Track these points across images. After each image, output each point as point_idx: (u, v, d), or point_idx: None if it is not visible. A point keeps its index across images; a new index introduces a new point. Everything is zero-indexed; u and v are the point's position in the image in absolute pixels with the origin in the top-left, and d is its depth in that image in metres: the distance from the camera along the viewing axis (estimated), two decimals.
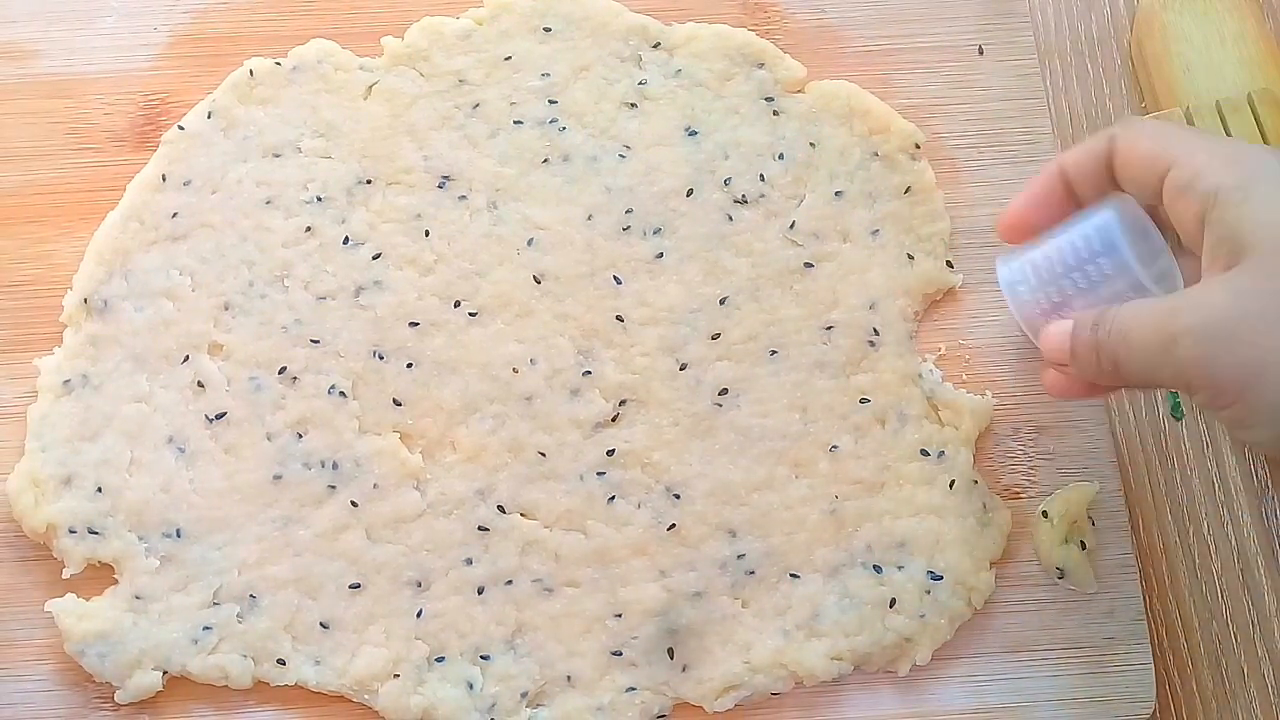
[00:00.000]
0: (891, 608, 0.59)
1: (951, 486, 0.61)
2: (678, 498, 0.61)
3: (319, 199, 0.64)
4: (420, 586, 0.59)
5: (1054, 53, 0.73)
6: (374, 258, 0.64)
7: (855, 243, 0.65)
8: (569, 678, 0.58)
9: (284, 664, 0.58)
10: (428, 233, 0.64)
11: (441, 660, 0.59)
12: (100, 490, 0.60)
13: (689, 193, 0.65)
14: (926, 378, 0.63)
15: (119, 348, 0.62)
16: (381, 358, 0.62)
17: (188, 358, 0.62)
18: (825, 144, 0.66)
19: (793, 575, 0.60)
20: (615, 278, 0.64)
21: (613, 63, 0.67)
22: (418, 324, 0.63)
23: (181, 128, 0.66)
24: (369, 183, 0.65)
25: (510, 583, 0.59)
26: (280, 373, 0.62)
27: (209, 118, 0.66)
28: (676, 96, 0.67)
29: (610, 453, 0.61)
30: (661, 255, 0.64)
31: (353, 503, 0.60)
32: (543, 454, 0.61)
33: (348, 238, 0.64)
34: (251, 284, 0.63)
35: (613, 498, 0.61)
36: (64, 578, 0.59)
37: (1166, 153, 0.51)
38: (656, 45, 0.68)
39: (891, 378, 0.63)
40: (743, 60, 0.67)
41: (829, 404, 0.62)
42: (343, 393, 0.62)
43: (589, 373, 0.62)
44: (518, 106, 0.66)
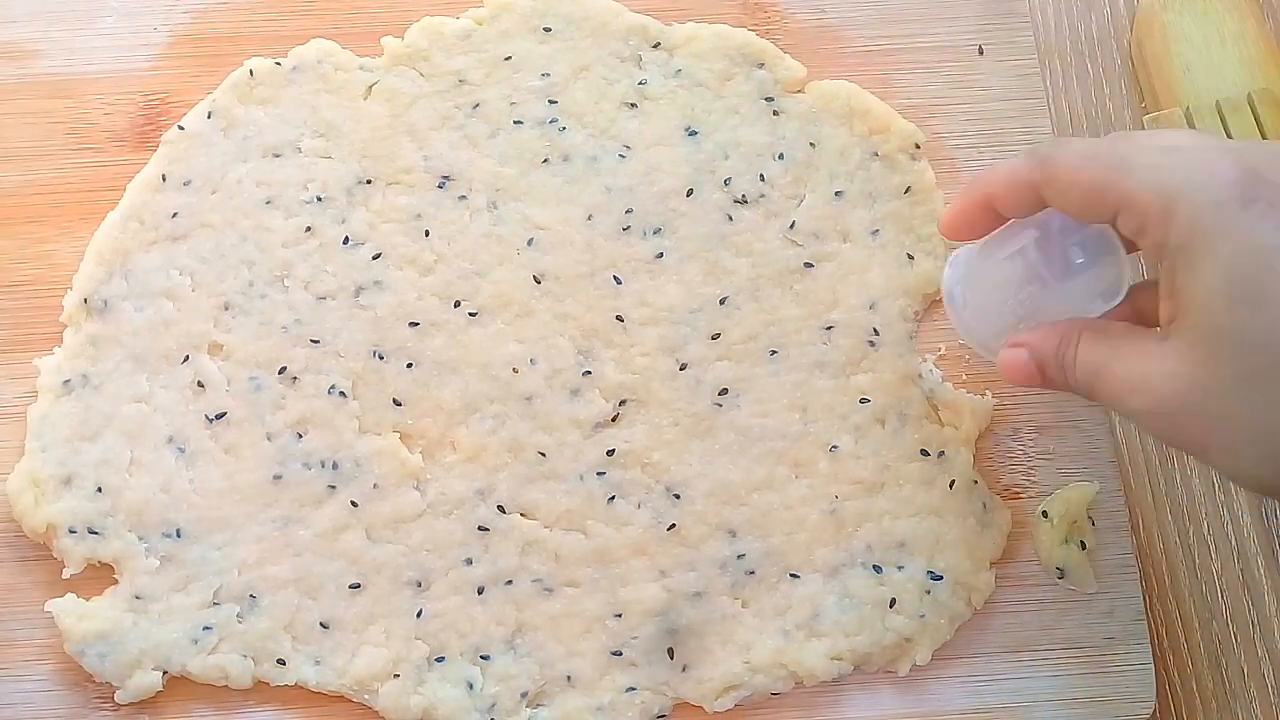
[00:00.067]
0: (891, 608, 0.59)
1: (951, 486, 0.61)
2: (678, 498, 0.61)
3: (319, 199, 0.64)
4: (420, 586, 0.59)
5: (1054, 53, 0.73)
6: (374, 258, 0.64)
7: (855, 243, 0.65)
8: (569, 678, 0.59)
9: (284, 664, 0.58)
10: (428, 233, 0.64)
11: (441, 660, 0.59)
12: (100, 490, 0.60)
13: (689, 193, 0.65)
14: (926, 378, 0.63)
15: (119, 348, 0.62)
16: (381, 358, 0.62)
17: (188, 358, 0.62)
18: (825, 144, 0.66)
19: (793, 575, 0.60)
20: (615, 278, 0.64)
21: (613, 63, 0.67)
22: (418, 324, 0.63)
23: (181, 128, 0.66)
24: (369, 183, 0.65)
25: (510, 583, 0.59)
26: (280, 373, 0.62)
27: (209, 118, 0.66)
28: (676, 96, 0.67)
29: (610, 453, 0.61)
30: (661, 255, 0.64)
31: (353, 503, 0.60)
32: (543, 454, 0.61)
33: (348, 238, 0.64)
34: (251, 284, 0.63)
35: (613, 498, 0.61)
36: (64, 578, 0.59)
37: (1111, 192, 0.48)
38: (656, 45, 0.68)
39: (891, 378, 0.63)
40: (743, 60, 0.67)
41: (829, 404, 0.62)
42: (343, 393, 0.62)
43: (589, 373, 0.62)
44: (518, 106, 0.66)
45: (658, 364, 0.62)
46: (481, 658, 0.59)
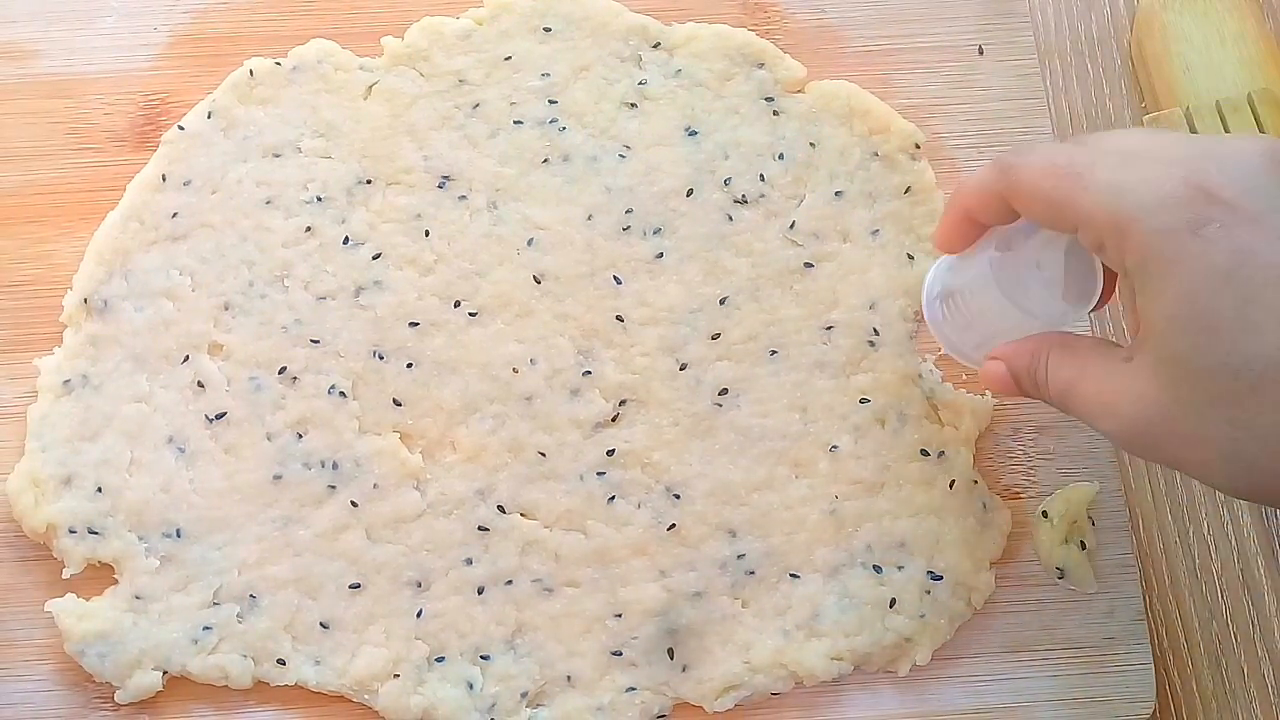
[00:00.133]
0: (891, 608, 0.59)
1: (951, 486, 0.61)
2: (678, 498, 0.61)
3: (319, 199, 0.64)
4: (420, 586, 0.59)
5: (1054, 53, 0.73)
6: (374, 258, 0.64)
7: (855, 243, 0.65)
8: (569, 678, 0.59)
9: (284, 664, 0.58)
10: (428, 233, 0.64)
11: (441, 660, 0.59)
12: (100, 490, 0.60)
13: (689, 193, 0.65)
14: (926, 378, 0.63)
15: (119, 348, 0.62)
16: (381, 358, 0.62)
17: (188, 358, 0.62)
18: (825, 144, 0.66)
19: (793, 575, 0.60)
20: (615, 278, 0.64)
21: (613, 63, 0.67)
22: (418, 324, 0.63)
23: (181, 128, 0.66)
24: (369, 183, 0.65)
25: (510, 583, 0.59)
26: (280, 373, 0.62)
27: (209, 118, 0.66)
28: (676, 96, 0.67)
29: (610, 453, 0.61)
30: (661, 255, 0.64)
31: (353, 503, 0.60)
32: (543, 454, 0.61)
33: (348, 238, 0.64)
34: (251, 284, 0.63)
35: (613, 498, 0.61)
36: (64, 578, 0.59)
37: (1068, 208, 0.48)
38: (656, 45, 0.68)
39: (891, 378, 0.63)
40: (743, 60, 0.67)
41: (829, 404, 0.62)
42: (343, 393, 0.62)
43: (589, 373, 0.62)
44: (518, 106, 0.66)
45: (658, 364, 0.62)
46: (481, 658, 0.59)
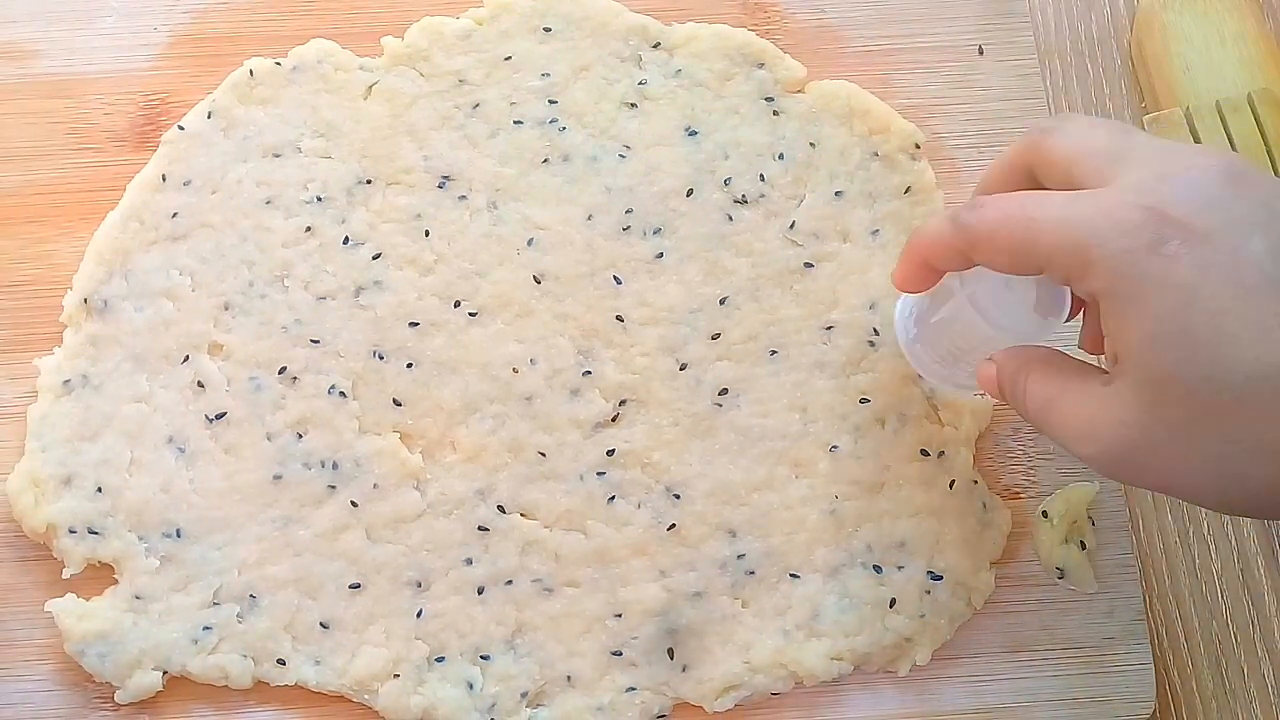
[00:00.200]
0: (891, 608, 0.59)
1: (951, 486, 0.61)
2: (678, 498, 0.61)
3: (319, 199, 0.64)
4: (420, 586, 0.59)
5: (1054, 53, 0.73)
6: (374, 258, 0.64)
7: (855, 243, 0.65)
8: (569, 678, 0.59)
9: (284, 664, 0.58)
10: (428, 233, 0.64)
11: (441, 660, 0.59)
12: (100, 490, 0.60)
13: (689, 193, 0.65)
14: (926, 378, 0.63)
15: (119, 348, 0.62)
16: (381, 358, 0.62)
17: (188, 358, 0.62)
18: (825, 144, 0.66)
19: (793, 575, 0.60)
20: (615, 278, 0.64)
21: (613, 63, 0.67)
22: (418, 324, 0.63)
23: (181, 128, 0.66)
24: (369, 183, 0.65)
25: (510, 583, 0.59)
26: (280, 373, 0.62)
27: (209, 118, 0.66)
28: (676, 96, 0.67)
29: (610, 453, 0.61)
30: (661, 255, 0.64)
31: (353, 503, 0.60)
32: (543, 454, 0.61)
33: (348, 238, 0.64)
34: (251, 284, 0.63)
35: (613, 498, 0.61)
36: (64, 578, 0.59)
37: (1029, 256, 0.48)
38: (656, 45, 0.68)
39: (891, 378, 0.63)
40: (743, 60, 0.67)
41: (829, 404, 0.62)
42: (343, 393, 0.62)
43: (589, 373, 0.62)
44: (518, 106, 0.66)
45: (658, 364, 0.62)
46: (481, 658, 0.59)
